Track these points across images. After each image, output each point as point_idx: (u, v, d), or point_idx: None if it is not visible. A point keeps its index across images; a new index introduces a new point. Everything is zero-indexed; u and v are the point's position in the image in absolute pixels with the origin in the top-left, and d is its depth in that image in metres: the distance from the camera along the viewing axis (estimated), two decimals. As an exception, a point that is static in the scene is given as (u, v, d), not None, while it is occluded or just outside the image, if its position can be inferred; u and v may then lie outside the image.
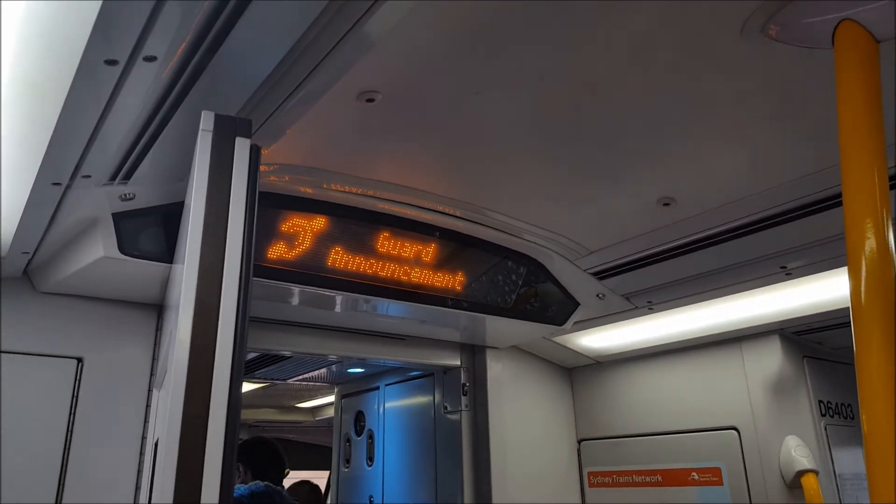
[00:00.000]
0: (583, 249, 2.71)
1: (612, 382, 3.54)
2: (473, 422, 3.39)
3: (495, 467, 3.25)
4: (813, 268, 2.43)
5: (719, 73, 1.61)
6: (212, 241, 1.26)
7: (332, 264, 2.34)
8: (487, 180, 2.24)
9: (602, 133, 1.89)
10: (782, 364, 2.91)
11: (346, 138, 1.95)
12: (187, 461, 1.16)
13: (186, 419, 1.16)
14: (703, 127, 1.85)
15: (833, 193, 2.05)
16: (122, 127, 1.58)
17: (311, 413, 6.65)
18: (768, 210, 2.21)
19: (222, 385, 1.20)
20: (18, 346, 2.34)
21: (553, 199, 2.36)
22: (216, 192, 1.28)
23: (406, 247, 2.50)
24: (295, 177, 2.19)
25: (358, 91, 1.67)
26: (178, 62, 1.36)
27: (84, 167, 1.74)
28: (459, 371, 3.46)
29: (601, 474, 3.47)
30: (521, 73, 1.62)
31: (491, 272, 2.75)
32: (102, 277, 2.28)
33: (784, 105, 1.74)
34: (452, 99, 1.74)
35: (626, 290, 2.90)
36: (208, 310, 1.22)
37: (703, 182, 2.16)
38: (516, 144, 1.98)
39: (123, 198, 2.02)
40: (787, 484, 2.71)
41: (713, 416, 3.03)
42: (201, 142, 1.32)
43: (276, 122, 1.74)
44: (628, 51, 1.53)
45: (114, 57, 1.27)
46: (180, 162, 1.86)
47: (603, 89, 1.68)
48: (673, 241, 2.49)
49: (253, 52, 1.41)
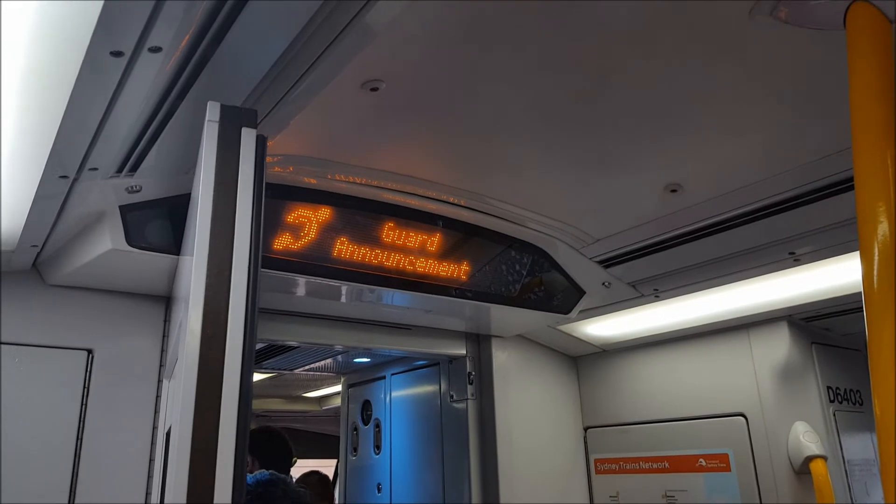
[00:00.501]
0: (588, 237, 2.71)
1: (618, 370, 3.55)
2: (479, 410, 3.41)
3: (501, 455, 3.26)
4: (821, 253, 2.41)
5: (728, 57, 1.59)
6: (220, 232, 1.26)
7: (337, 255, 2.35)
8: (492, 169, 2.23)
9: (608, 119, 1.88)
10: (790, 350, 2.90)
11: (351, 128, 1.95)
12: (200, 449, 1.17)
13: (199, 408, 1.17)
14: (711, 112, 1.84)
15: (842, 178, 2.04)
16: (128, 119, 1.58)
17: (318, 402, 6.69)
18: (777, 195, 2.19)
19: (233, 374, 1.20)
20: (29, 339, 2.36)
21: (559, 187, 2.35)
22: (223, 182, 1.28)
23: (411, 236, 2.50)
24: (299, 167, 2.18)
25: (362, 80, 1.66)
26: (182, 53, 1.36)
27: (91, 160, 1.74)
28: (465, 360, 3.47)
29: (608, 461, 3.49)
30: (526, 60, 1.61)
31: (496, 261, 2.75)
32: (110, 270, 2.29)
33: (794, 88, 1.72)
34: (456, 86, 1.73)
35: (632, 278, 2.89)
36: (218, 299, 1.23)
37: (710, 168, 2.14)
38: (521, 132, 1.97)
39: (130, 190, 2.03)
40: (795, 470, 2.71)
41: (721, 403, 3.03)
42: (207, 132, 1.31)
43: (280, 112, 1.73)
44: (635, 36, 1.52)
45: (119, 48, 1.27)
46: (186, 154, 1.86)
47: (609, 75, 1.67)
48: (680, 227, 2.48)
49: (256, 43, 1.41)
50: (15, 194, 1.89)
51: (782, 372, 2.88)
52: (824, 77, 1.63)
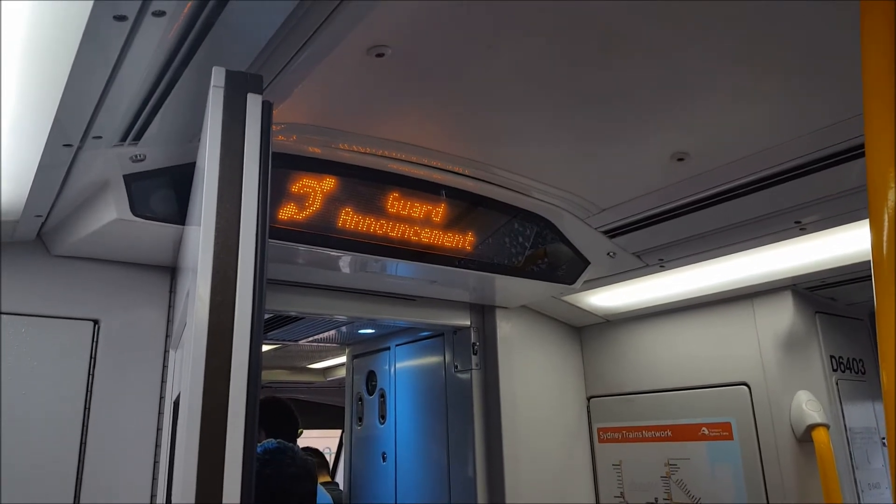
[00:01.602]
0: (594, 207, 2.69)
1: (621, 340, 3.57)
2: (484, 381, 3.44)
3: (506, 425, 3.30)
4: (828, 222, 2.40)
5: (735, 25, 1.56)
6: (227, 199, 1.25)
7: (342, 225, 2.34)
8: (498, 138, 2.21)
9: (614, 88, 1.86)
10: (794, 320, 2.91)
11: (355, 95, 1.92)
12: (210, 417, 1.18)
13: (209, 375, 1.18)
14: (718, 80, 1.81)
15: (850, 146, 2.02)
16: (131, 86, 1.56)
17: (323, 374, 6.74)
18: (784, 164, 2.18)
19: (243, 342, 1.21)
20: (35, 310, 2.37)
21: (564, 156, 2.33)
22: (230, 148, 1.27)
23: (416, 207, 2.49)
24: (303, 136, 2.16)
25: (367, 46, 1.64)
26: (186, 18, 1.33)
27: (95, 128, 1.73)
28: (469, 331, 3.49)
29: (611, 430, 3.53)
30: (533, 28, 1.58)
31: (501, 231, 2.74)
32: (115, 239, 2.29)
33: (803, 56, 1.69)
34: (463, 53, 1.70)
35: (637, 248, 2.89)
36: (226, 267, 1.23)
37: (717, 136, 2.12)
38: (527, 101, 1.95)
39: (134, 159, 2.01)
40: (797, 438, 2.74)
41: (724, 373, 3.05)
42: (213, 98, 1.30)
43: (284, 79, 1.71)
44: (641, 4, 1.49)
45: (123, 13, 1.24)
46: (190, 122, 1.84)
47: (615, 43, 1.64)
48: (686, 196, 2.47)
49: (261, 7, 1.38)
50: (18, 163, 1.88)
51: (786, 341, 2.90)
52: (833, 45, 1.60)
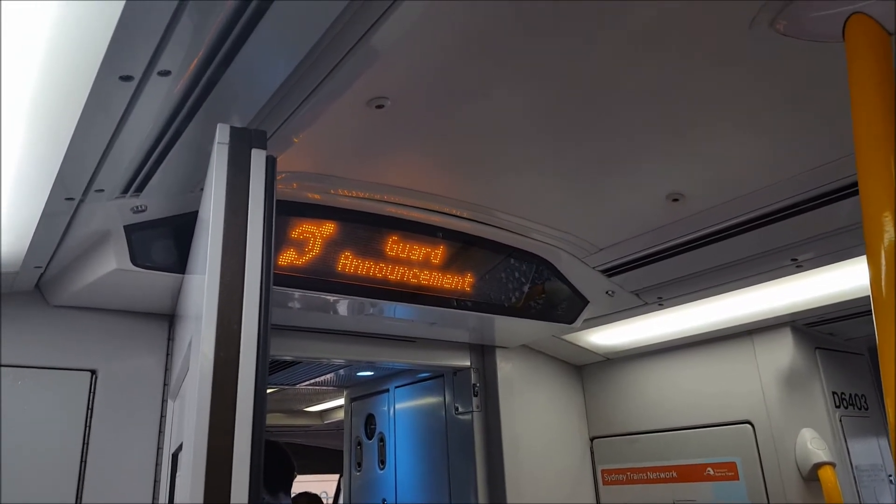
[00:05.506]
0: (591, 247, 2.72)
1: (623, 379, 3.54)
2: (485, 422, 3.40)
3: (509, 467, 3.25)
4: (823, 259, 2.43)
5: (728, 68, 1.61)
6: (232, 254, 1.26)
7: (342, 269, 2.35)
8: (496, 181, 2.24)
9: (609, 130, 1.89)
10: (795, 356, 2.91)
11: (355, 145, 1.96)
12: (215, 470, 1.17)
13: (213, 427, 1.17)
14: (711, 121, 1.85)
15: (843, 184, 2.05)
16: (135, 141, 1.58)
17: (320, 416, 6.64)
18: (778, 203, 2.21)
19: (247, 394, 1.20)
20: (33, 361, 2.35)
21: (561, 197, 2.36)
22: (234, 204, 1.28)
23: (415, 249, 2.51)
24: (303, 184, 2.19)
25: (367, 98, 1.67)
26: (191, 76, 1.37)
27: (97, 182, 1.75)
28: (469, 372, 3.47)
29: (615, 472, 3.48)
30: (529, 74, 1.62)
31: (499, 272, 2.75)
32: (114, 289, 2.29)
33: (794, 97, 1.74)
34: (461, 101, 1.74)
35: (635, 287, 2.90)
36: (230, 322, 1.23)
37: (712, 176, 2.16)
38: (524, 144, 1.98)
39: (135, 210, 2.03)
40: (803, 477, 2.71)
41: (727, 411, 3.03)
42: (217, 155, 1.32)
43: (285, 131, 1.74)
44: (635, 48, 1.53)
45: (129, 73, 1.27)
46: (191, 173, 1.86)
47: (610, 87, 1.69)
48: (682, 236, 2.49)
49: (265, 64, 1.41)
50: (19, 216, 1.89)
51: (787, 378, 2.89)
52: (824, 86, 1.65)
